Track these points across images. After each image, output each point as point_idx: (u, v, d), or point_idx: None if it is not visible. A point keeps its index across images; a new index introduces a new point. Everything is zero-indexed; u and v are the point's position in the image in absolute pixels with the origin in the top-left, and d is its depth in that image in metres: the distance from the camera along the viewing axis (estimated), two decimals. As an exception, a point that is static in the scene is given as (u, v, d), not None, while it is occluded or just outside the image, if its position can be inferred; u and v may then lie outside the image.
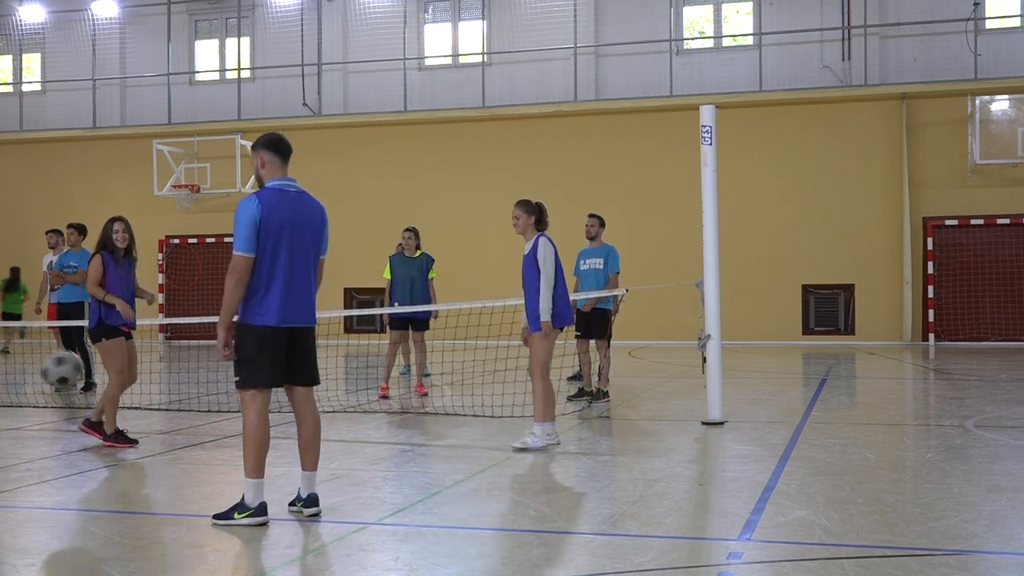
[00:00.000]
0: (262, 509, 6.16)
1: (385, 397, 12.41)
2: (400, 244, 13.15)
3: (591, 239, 12.09)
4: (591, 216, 12.25)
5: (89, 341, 13.32)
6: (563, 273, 8.80)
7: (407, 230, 13.07)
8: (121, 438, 9.01)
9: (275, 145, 6.31)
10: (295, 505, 6.45)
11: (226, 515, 6.19)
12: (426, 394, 12.70)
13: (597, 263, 11.88)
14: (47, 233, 15.07)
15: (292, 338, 6.24)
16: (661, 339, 21.23)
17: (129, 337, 9.27)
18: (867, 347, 20.10)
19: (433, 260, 13.31)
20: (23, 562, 5.45)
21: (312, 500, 6.36)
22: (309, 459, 6.42)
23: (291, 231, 6.14)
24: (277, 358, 6.17)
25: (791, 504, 6.56)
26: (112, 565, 5.35)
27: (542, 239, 8.73)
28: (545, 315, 8.53)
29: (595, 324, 11.75)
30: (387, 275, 13.03)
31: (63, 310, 13.39)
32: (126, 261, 9.18)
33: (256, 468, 6.19)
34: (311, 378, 6.38)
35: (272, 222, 6.08)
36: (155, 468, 8.23)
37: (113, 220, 9.24)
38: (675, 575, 5.19)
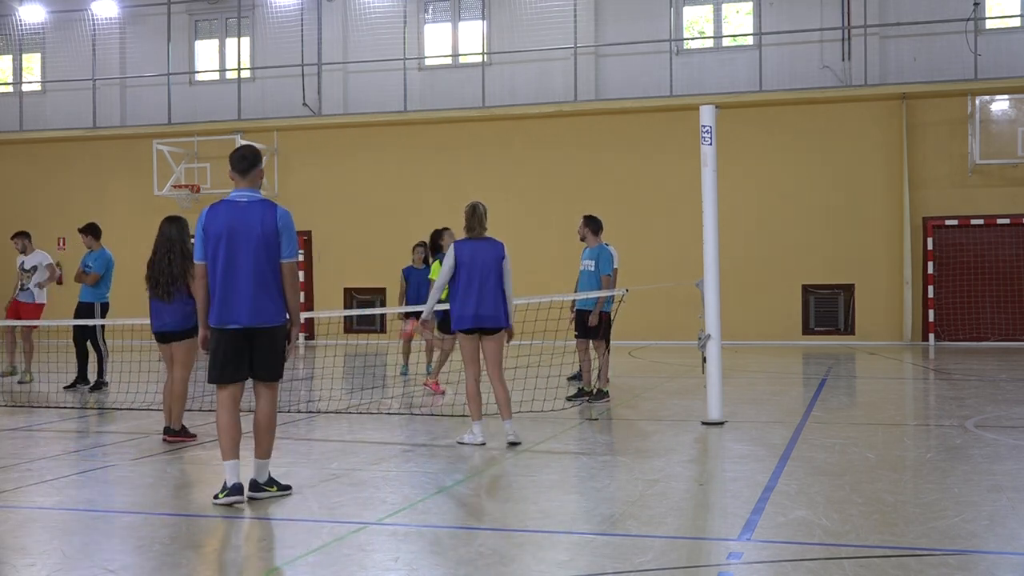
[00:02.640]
0: (234, 489, 6.66)
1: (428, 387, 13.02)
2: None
3: (583, 240, 12.17)
4: (583, 218, 12.29)
5: (102, 341, 13.43)
6: (471, 276, 9.00)
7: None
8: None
9: (232, 162, 6.99)
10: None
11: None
12: (443, 392, 12.66)
13: (590, 264, 11.95)
14: (12, 238, 14.85)
15: (249, 336, 6.74)
16: (661, 339, 21.23)
17: (163, 340, 9.54)
18: (867, 347, 20.10)
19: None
20: (23, 562, 5.46)
21: (251, 484, 6.80)
22: (257, 447, 6.88)
23: (228, 239, 6.70)
24: (227, 356, 6.74)
25: (791, 504, 6.56)
26: (112, 565, 5.36)
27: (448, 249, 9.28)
28: (426, 315, 9.67)
29: (580, 325, 11.89)
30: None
31: (81, 309, 13.47)
32: None
33: (224, 451, 6.81)
34: (265, 374, 6.82)
35: (210, 232, 6.74)
36: (155, 468, 8.23)
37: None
38: (675, 575, 5.19)
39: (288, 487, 7.00)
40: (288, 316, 6.88)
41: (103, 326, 13.40)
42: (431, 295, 9.45)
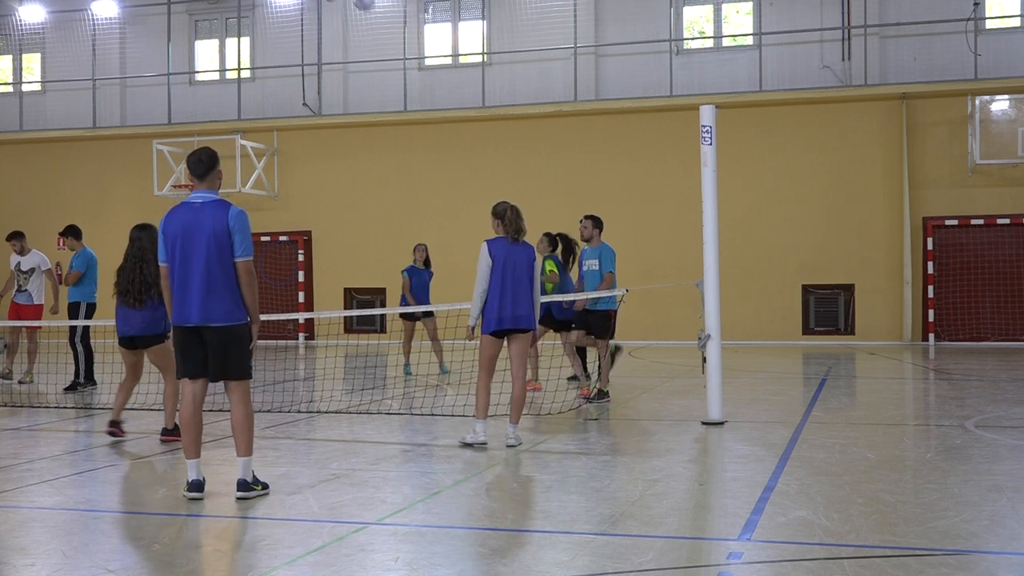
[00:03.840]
0: (191, 486, 6.88)
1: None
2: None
3: (586, 240, 12.13)
4: (585, 218, 12.25)
5: (80, 340, 13.45)
6: (504, 277, 8.88)
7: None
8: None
9: (189, 165, 7.04)
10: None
11: None
12: (541, 389, 12.62)
13: (594, 264, 11.92)
14: (8, 239, 14.84)
15: (202, 335, 6.87)
16: (661, 339, 21.23)
17: (129, 345, 9.44)
18: (867, 347, 20.10)
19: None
20: (23, 562, 5.46)
21: (238, 484, 6.90)
22: (237, 446, 6.99)
23: (183, 240, 6.85)
24: (185, 352, 6.93)
25: (791, 504, 6.56)
26: (112, 565, 5.36)
27: (483, 245, 9.10)
28: (470, 320, 9.06)
29: (595, 324, 11.76)
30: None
31: (68, 309, 13.70)
32: None
33: (185, 450, 6.98)
34: (226, 373, 6.91)
35: (168, 234, 6.92)
36: (155, 468, 8.23)
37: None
38: (675, 575, 5.19)
39: (266, 484, 7.07)
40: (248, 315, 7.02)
41: (86, 326, 13.41)
42: (474, 301, 9.00)
